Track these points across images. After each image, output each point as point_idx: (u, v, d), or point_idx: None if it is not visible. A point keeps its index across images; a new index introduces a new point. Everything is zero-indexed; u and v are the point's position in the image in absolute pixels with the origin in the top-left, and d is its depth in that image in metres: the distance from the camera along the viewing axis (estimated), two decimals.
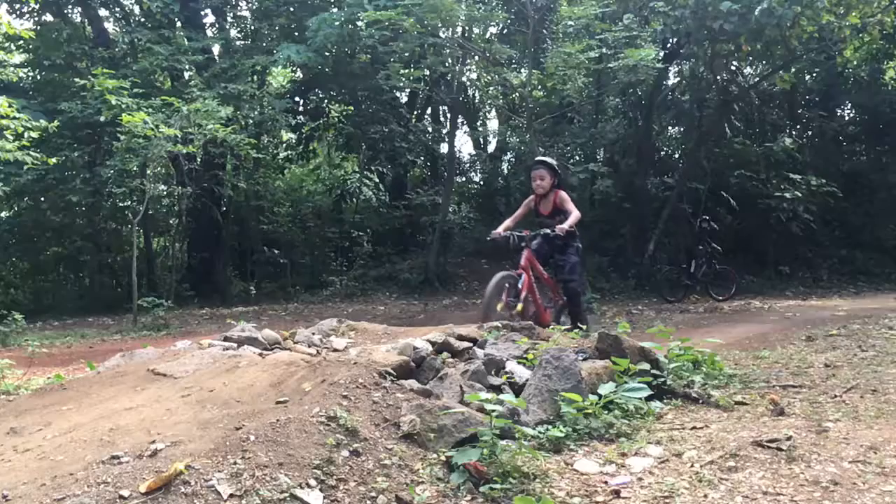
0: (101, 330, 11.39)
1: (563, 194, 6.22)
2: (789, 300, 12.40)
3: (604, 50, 12.43)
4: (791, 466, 2.89)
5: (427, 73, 15.68)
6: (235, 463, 2.50)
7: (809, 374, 4.92)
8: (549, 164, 6.35)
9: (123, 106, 11.63)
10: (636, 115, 16.90)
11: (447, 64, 14.77)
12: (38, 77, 16.10)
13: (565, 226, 5.84)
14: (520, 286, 5.67)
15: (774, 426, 3.45)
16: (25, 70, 15.97)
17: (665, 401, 4.08)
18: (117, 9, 17.24)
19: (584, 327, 5.72)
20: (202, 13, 16.64)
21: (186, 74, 15.37)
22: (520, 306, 5.62)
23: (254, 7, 17.21)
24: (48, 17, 16.56)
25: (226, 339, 4.71)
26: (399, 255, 16.89)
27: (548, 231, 5.91)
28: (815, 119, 17.38)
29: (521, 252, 6.07)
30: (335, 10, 14.23)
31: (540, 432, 3.29)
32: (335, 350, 4.51)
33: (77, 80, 13.21)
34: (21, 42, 14.53)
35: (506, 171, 20.08)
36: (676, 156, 18.33)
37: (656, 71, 12.92)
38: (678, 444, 3.25)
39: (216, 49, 16.40)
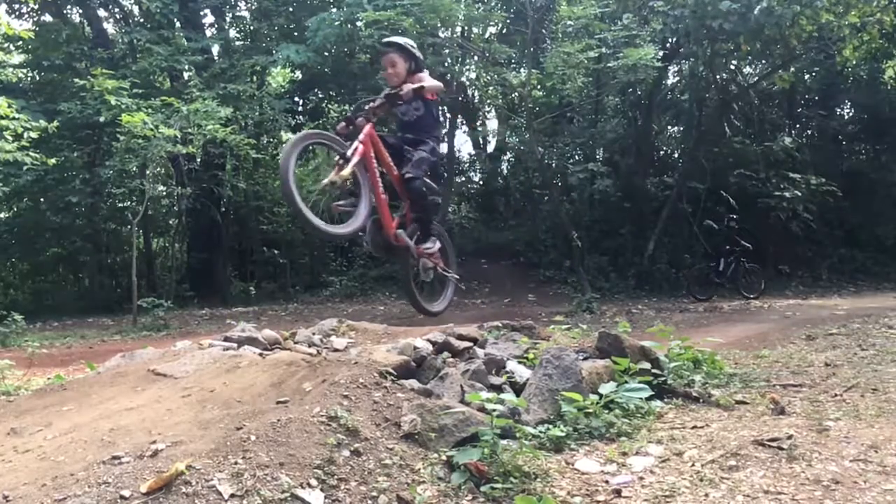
0: (100, 330, 11.38)
1: (422, 75, 4.91)
2: (789, 299, 12.40)
3: (603, 49, 12.43)
4: (792, 465, 2.89)
5: None
6: (236, 463, 2.50)
7: (810, 373, 4.92)
8: (400, 45, 5.02)
9: (123, 106, 11.62)
10: (635, 115, 16.90)
11: (446, 64, 14.74)
12: (38, 77, 16.10)
13: (415, 84, 4.55)
14: (350, 153, 4.33)
15: (775, 425, 3.45)
16: (25, 70, 15.95)
17: (666, 400, 4.08)
18: (116, 9, 17.24)
19: (431, 245, 4.96)
20: (201, 13, 16.63)
21: (186, 75, 15.36)
22: (347, 170, 4.23)
23: (253, 7, 17.21)
24: (47, 18, 16.55)
25: (226, 339, 4.70)
26: None
27: (389, 91, 4.63)
28: (815, 118, 17.39)
29: (363, 129, 4.68)
30: (334, 10, 14.22)
31: (541, 432, 3.29)
32: (335, 350, 4.51)
33: (76, 80, 13.19)
34: (20, 42, 14.52)
35: (505, 171, 20.07)
36: (676, 155, 18.34)
37: (656, 70, 12.91)
38: (679, 443, 3.25)
39: (215, 49, 16.39)
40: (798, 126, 18.32)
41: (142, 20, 16.20)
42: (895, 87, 16.66)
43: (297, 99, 17.48)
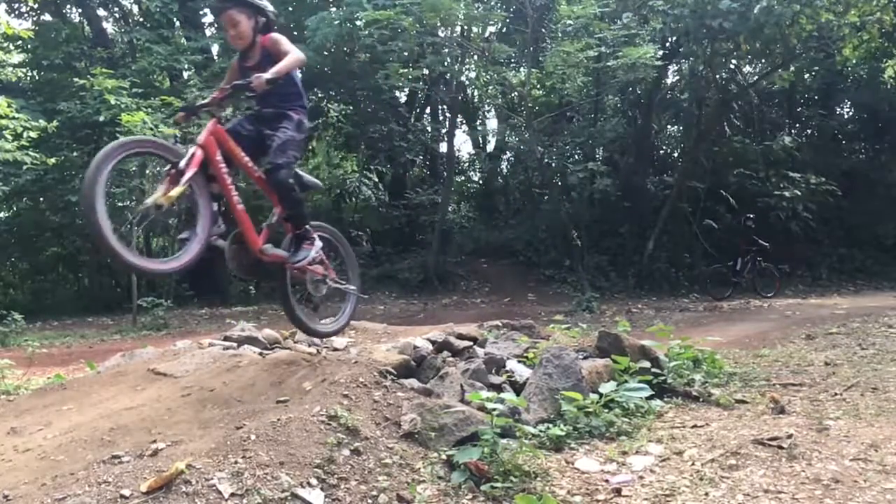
0: (100, 330, 11.38)
1: (276, 36, 3.93)
2: (789, 299, 12.41)
3: (603, 49, 12.42)
4: (792, 464, 2.89)
5: (426, 72, 15.66)
6: (236, 462, 2.50)
7: (809, 372, 4.93)
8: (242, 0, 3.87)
9: (122, 106, 11.61)
10: (635, 114, 16.90)
11: (446, 63, 14.75)
12: (37, 77, 16.09)
13: (268, 73, 3.59)
14: (184, 164, 3.31)
15: (775, 424, 3.45)
16: (24, 70, 15.95)
17: (665, 399, 4.08)
18: (116, 9, 17.23)
19: (303, 256, 3.86)
20: (201, 13, 16.61)
21: (185, 74, 15.35)
22: (178, 189, 3.24)
23: None
24: (47, 17, 16.54)
25: (226, 338, 4.71)
26: (398, 254, 16.88)
27: (240, 82, 3.66)
28: (815, 117, 17.39)
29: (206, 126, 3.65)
30: (334, 9, 14.21)
31: (541, 431, 3.30)
32: (335, 349, 4.51)
33: (76, 79, 13.18)
34: (20, 42, 14.50)
35: (505, 171, 20.08)
36: (675, 154, 18.33)
37: (655, 70, 12.91)
38: (679, 442, 3.25)
39: (215, 49, 16.37)
40: (798, 125, 18.33)
41: (141, 20, 16.20)
42: (895, 86, 16.67)
43: None
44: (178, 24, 15.88)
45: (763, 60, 15.94)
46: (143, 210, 3.21)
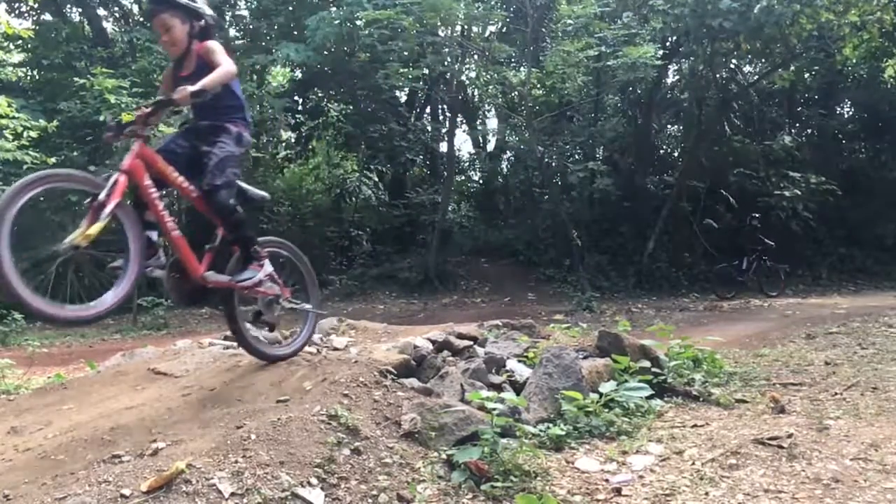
0: (100, 329, 11.37)
1: (211, 44, 3.56)
2: (789, 298, 12.41)
3: (603, 48, 12.42)
4: (792, 464, 2.89)
5: (426, 71, 15.65)
6: (237, 462, 2.50)
7: (810, 371, 4.93)
8: (174, 1, 3.50)
9: (123, 105, 11.60)
10: (635, 114, 16.89)
11: (446, 63, 14.74)
12: (37, 76, 16.07)
13: (195, 86, 3.23)
14: (104, 195, 2.98)
15: (775, 424, 3.45)
16: (24, 69, 15.94)
17: (666, 399, 4.09)
18: (116, 8, 17.22)
19: (251, 276, 3.56)
20: None
21: None
22: (97, 226, 2.96)
23: (252, 6, 17.18)
24: (47, 17, 16.54)
25: (226, 338, 4.71)
26: (398, 253, 16.87)
27: (162, 98, 3.31)
28: (815, 117, 17.38)
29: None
30: (334, 9, 14.21)
31: (541, 430, 3.30)
32: (335, 349, 4.51)
33: (76, 79, 13.18)
34: (20, 41, 14.50)
35: (505, 170, 20.06)
36: (676, 154, 18.32)
37: (655, 69, 12.91)
38: (679, 441, 3.26)
39: None
40: (798, 125, 18.31)
41: (141, 19, 16.18)
42: (895, 85, 16.66)
43: (296, 98, 17.46)
44: None
45: (763, 60, 15.93)
46: (60, 250, 2.97)
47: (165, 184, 3.33)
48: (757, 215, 13.67)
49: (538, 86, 14.85)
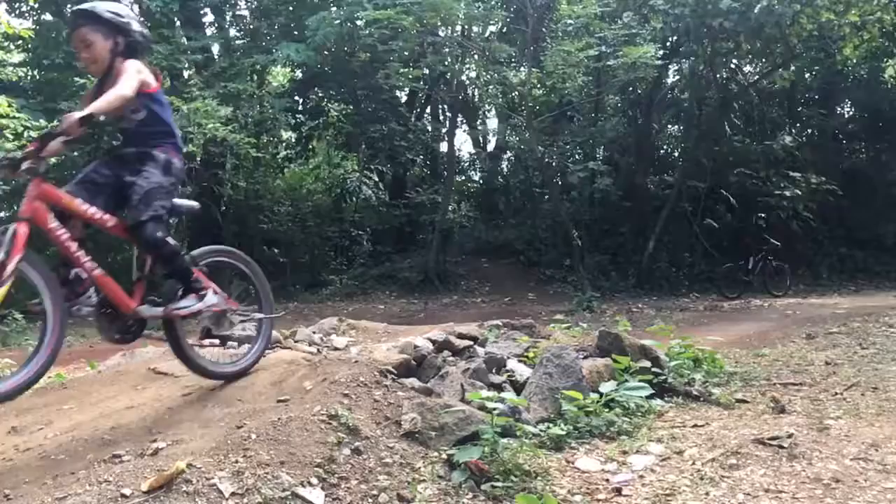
0: None
1: (126, 64, 3.17)
2: (789, 298, 12.41)
3: (603, 48, 12.42)
4: (792, 464, 2.89)
5: (426, 71, 15.67)
6: (237, 461, 2.50)
7: (810, 371, 4.93)
8: (94, 14, 3.18)
9: None
10: (636, 114, 16.89)
11: (446, 63, 14.75)
12: (38, 76, 16.07)
13: (83, 112, 2.87)
14: (2, 256, 2.69)
15: (775, 424, 3.45)
16: (25, 69, 15.94)
17: (666, 399, 4.09)
18: None
19: (199, 305, 3.37)
20: (201, 12, 16.62)
21: (186, 73, 15.35)
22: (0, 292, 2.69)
23: (253, 6, 17.19)
24: (47, 17, 16.54)
25: (223, 339, 4.70)
26: (399, 253, 16.89)
27: (46, 130, 2.98)
28: (815, 117, 17.37)
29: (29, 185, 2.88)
30: (334, 8, 14.21)
31: (541, 430, 3.30)
32: (336, 349, 4.52)
33: (76, 79, 13.19)
34: (20, 41, 14.51)
35: (505, 170, 20.08)
36: (676, 154, 18.32)
37: (656, 69, 12.91)
38: (679, 441, 3.25)
39: (215, 48, 16.38)
40: (798, 125, 18.31)
41: (142, 19, 16.17)
42: (895, 85, 16.66)
43: (297, 98, 17.47)
44: (178, 23, 15.88)
45: (763, 60, 15.94)
46: None
47: (73, 221, 2.99)
48: (763, 215, 13.70)
49: (538, 86, 14.85)
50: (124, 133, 3.31)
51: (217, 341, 3.48)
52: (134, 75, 3.11)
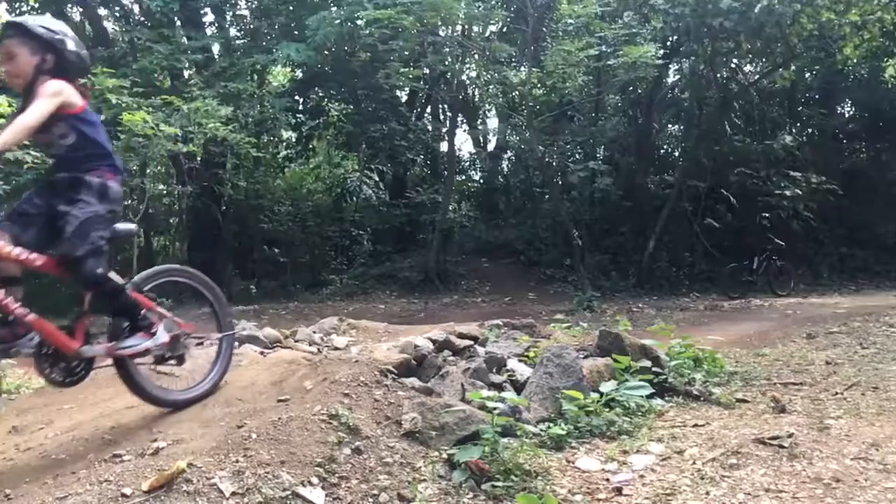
0: (100, 329, 11.37)
1: (48, 85, 2.95)
2: (789, 298, 12.40)
3: (603, 48, 12.42)
4: (793, 464, 2.89)
5: (427, 71, 15.67)
6: (237, 461, 2.50)
7: (810, 371, 4.93)
8: (22, 27, 3.01)
9: (123, 105, 11.60)
10: (636, 113, 16.89)
11: (447, 62, 14.75)
12: None
13: None
14: None
15: (776, 423, 3.45)
16: None
17: (666, 398, 4.09)
18: (117, 8, 17.21)
19: (148, 341, 3.12)
20: (202, 12, 16.62)
21: (186, 73, 15.35)
22: None
23: (253, 6, 17.20)
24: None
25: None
26: (399, 253, 16.89)
27: None
28: (815, 117, 17.37)
29: None
30: (335, 8, 14.21)
31: (541, 430, 3.30)
32: (336, 348, 4.52)
33: (76, 79, 13.18)
34: None
35: (506, 170, 20.08)
36: (676, 154, 18.32)
37: (656, 69, 12.91)
38: (680, 441, 3.26)
39: (216, 48, 16.38)
40: (798, 124, 18.30)
41: (142, 19, 16.19)
42: (895, 85, 16.65)
43: (297, 97, 17.46)
44: (178, 23, 15.88)
45: (764, 59, 15.93)
46: None
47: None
48: (767, 215, 13.70)
49: (538, 85, 14.85)
50: (55, 159, 3.10)
51: (174, 361, 3.27)
52: (48, 99, 2.89)
